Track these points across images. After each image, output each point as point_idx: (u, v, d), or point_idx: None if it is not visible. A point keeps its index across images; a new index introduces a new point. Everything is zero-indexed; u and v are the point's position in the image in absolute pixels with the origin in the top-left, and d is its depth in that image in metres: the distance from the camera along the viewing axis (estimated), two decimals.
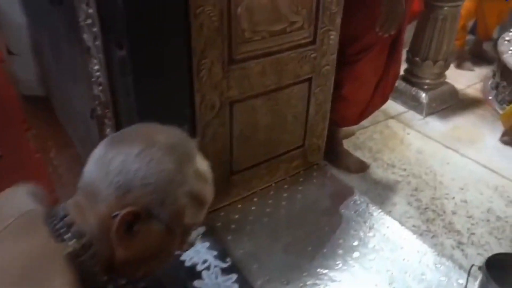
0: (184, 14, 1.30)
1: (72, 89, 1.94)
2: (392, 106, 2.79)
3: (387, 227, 1.74)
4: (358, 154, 2.39)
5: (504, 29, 3.35)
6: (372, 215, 1.80)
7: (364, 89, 2.03)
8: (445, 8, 2.51)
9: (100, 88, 1.37)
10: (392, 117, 2.76)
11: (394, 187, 2.17)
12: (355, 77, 1.97)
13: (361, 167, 2.26)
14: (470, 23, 3.44)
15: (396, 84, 2.75)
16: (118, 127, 1.37)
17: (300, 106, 1.82)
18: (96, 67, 1.33)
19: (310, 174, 2.02)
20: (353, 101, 2.05)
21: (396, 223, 1.78)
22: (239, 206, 1.83)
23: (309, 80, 1.78)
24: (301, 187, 1.94)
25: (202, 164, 0.81)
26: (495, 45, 3.46)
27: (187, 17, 1.32)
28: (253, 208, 1.82)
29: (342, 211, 1.82)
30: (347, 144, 2.45)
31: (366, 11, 1.79)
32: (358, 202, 1.86)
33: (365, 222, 1.76)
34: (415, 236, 1.72)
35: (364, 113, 2.15)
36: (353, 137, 2.54)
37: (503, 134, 2.53)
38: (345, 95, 2.02)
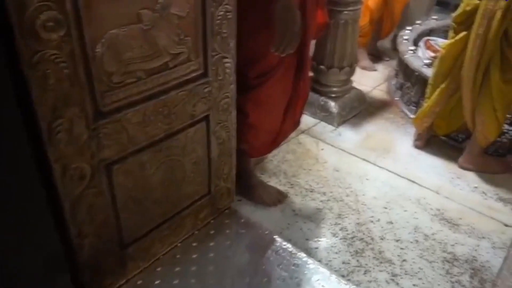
0: (12, 66, 0.90)
1: None
2: (301, 118, 2.59)
3: (317, 280, 1.50)
4: (273, 181, 2.14)
5: (399, 26, 3.32)
6: (298, 266, 1.55)
7: (273, 115, 1.77)
8: (345, 12, 2.34)
9: None
10: (303, 132, 2.56)
11: (316, 217, 1.95)
12: (261, 103, 1.70)
13: (278, 199, 2.02)
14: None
15: None
16: None
17: (199, 150, 1.50)
18: None
19: (222, 223, 1.71)
20: (263, 129, 1.79)
21: (326, 272, 1.54)
22: (139, 282, 1.47)
23: (206, 118, 1.47)
24: (212, 242, 1.63)
25: None
26: (393, 42, 3.44)
27: (18, 69, 0.93)
28: (157, 282, 1.47)
29: (264, 267, 1.54)
30: (260, 171, 2.20)
31: (266, 31, 1.52)
32: (280, 251, 1.60)
33: (291, 278, 1.50)
34: (348, 286, 1.49)
35: (276, 141, 1.89)
36: (265, 160, 2.29)
37: (416, 138, 2.44)
38: (252, 123, 1.74)
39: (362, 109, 2.77)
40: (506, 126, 2.21)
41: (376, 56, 3.47)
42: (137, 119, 1.23)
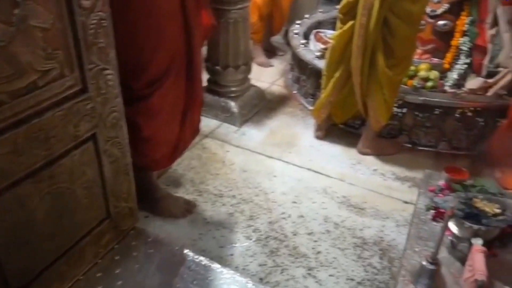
0: None
1: None
2: (204, 122, 2.51)
3: None
4: (180, 191, 2.06)
5: (289, 21, 3.38)
6: (213, 279, 1.48)
7: (168, 125, 1.68)
8: (233, 11, 2.31)
9: None
10: (207, 135, 2.49)
11: (228, 222, 1.90)
12: (154, 114, 1.60)
13: (187, 209, 1.94)
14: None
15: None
16: None
17: (90, 173, 1.36)
18: None
19: (128, 246, 1.59)
20: (160, 142, 1.69)
21: (242, 280, 1.50)
22: None
23: (93, 137, 1.33)
24: (119, 269, 1.50)
25: None
26: (285, 37, 3.50)
27: None
28: None
29: (178, 286, 1.45)
30: (165, 182, 2.09)
31: (149, 35, 1.43)
32: (193, 266, 1.52)
33: None
34: None
35: (177, 151, 1.80)
36: (170, 170, 2.18)
37: (317, 129, 2.50)
38: (147, 137, 1.63)
39: (263, 106, 2.78)
40: (395, 109, 2.34)
41: (271, 52, 3.52)
42: (6, 149, 1.07)
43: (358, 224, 1.93)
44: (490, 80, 2.32)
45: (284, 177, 2.20)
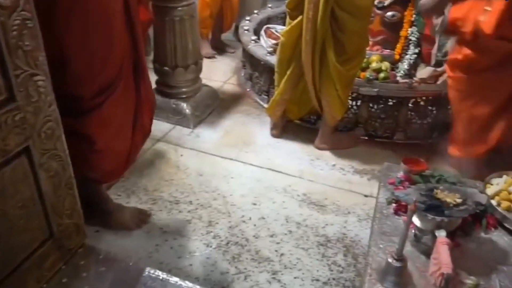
0: None
1: None
2: (155, 125, 2.38)
3: None
4: (133, 201, 1.94)
5: (239, 17, 3.31)
6: None
7: (121, 133, 1.58)
8: (179, 8, 2.21)
9: None
10: (159, 140, 2.38)
11: (186, 230, 1.81)
12: (106, 124, 1.49)
13: (141, 219, 1.84)
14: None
15: None
16: None
17: (25, 191, 1.23)
18: None
19: (76, 267, 1.46)
20: (112, 152, 1.58)
21: None
22: None
23: (26, 150, 1.20)
24: None
25: None
26: (236, 33, 3.43)
27: None
28: None
29: None
30: (115, 192, 1.97)
31: (101, 39, 1.33)
32: (150, 282, 1.42)
33: None
34: None
35: (129, 159, 1.69)
36: (121, 179, 2.05)
37: (272, 127, 2.44)
38: (101, 149, 1.52)
39: (216, 106, 2.69)
40: (350, 101, 2.31)
41: (221, 50, 3.43)
42: None
43: (320, 221, 1.88)
44: (440, 69, 2.35)
45: (242, 178, 2.12)
